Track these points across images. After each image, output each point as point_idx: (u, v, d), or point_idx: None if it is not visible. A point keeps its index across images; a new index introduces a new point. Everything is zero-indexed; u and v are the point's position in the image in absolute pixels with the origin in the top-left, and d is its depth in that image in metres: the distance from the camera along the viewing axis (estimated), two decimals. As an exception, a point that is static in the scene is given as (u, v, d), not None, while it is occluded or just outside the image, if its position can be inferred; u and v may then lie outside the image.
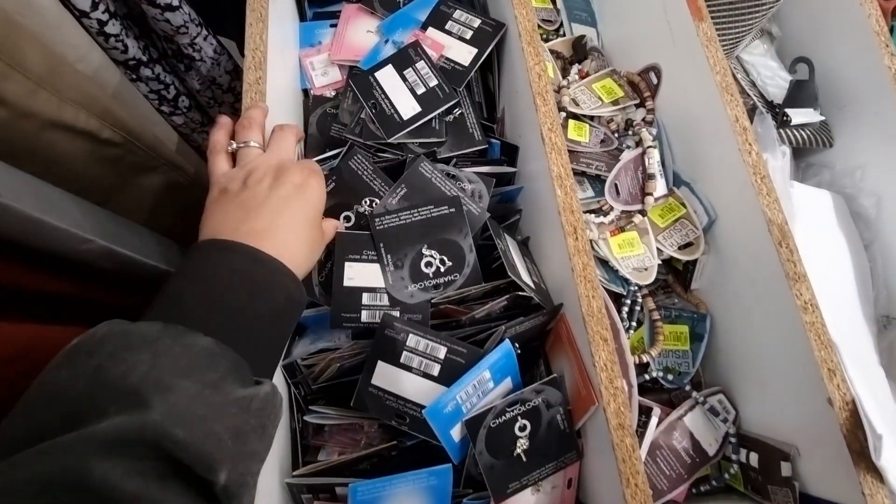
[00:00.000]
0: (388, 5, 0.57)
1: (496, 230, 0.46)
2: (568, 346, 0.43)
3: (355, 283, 0.43)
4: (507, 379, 0.42)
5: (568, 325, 0.43)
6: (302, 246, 0.35)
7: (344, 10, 0.58)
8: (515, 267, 0.44)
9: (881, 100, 0.51)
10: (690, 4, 0.51)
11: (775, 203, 0.45)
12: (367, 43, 0.56)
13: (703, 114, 0.51)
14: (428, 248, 0.44)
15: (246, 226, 0.32)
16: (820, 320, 0.42)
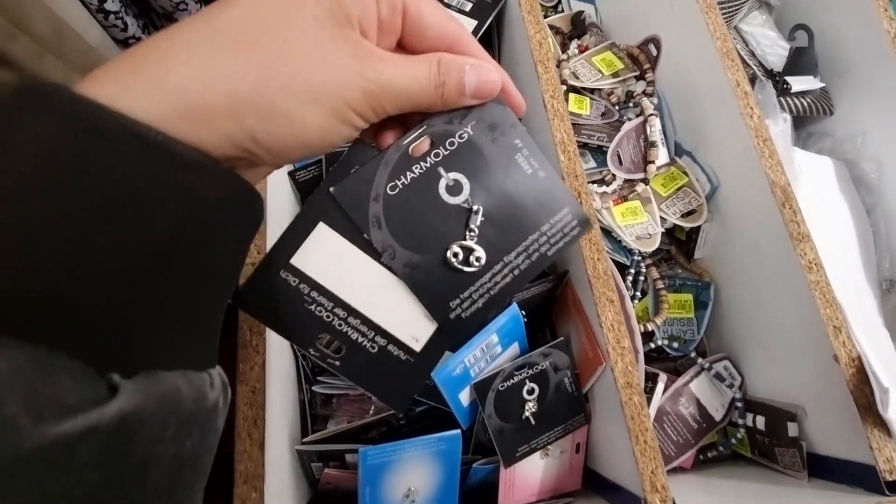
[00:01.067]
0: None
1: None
2: (574, 311, 0.43)
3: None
4: (514, 343, 0.42)
5: (574, 291, 0.43)
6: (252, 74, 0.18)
7: None
8: None
9: (881, 64, 0.51)
10: (689, -28, 0.51)
11: (778, 165, 0.45)
12: None
13: (704, 80, 0.51)
14: None
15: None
16: (825, 279, 0.42)
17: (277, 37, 0.17)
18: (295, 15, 0.18)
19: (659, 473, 0.36)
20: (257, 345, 0.36)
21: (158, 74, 0.16)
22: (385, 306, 0.25)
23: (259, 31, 0.17)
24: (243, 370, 0.35)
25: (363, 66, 0.19)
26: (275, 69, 0.17)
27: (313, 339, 0.24)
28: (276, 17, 0.18)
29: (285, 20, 0.18)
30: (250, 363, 0.35)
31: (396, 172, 0.25)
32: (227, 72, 0.17)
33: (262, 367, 0.35)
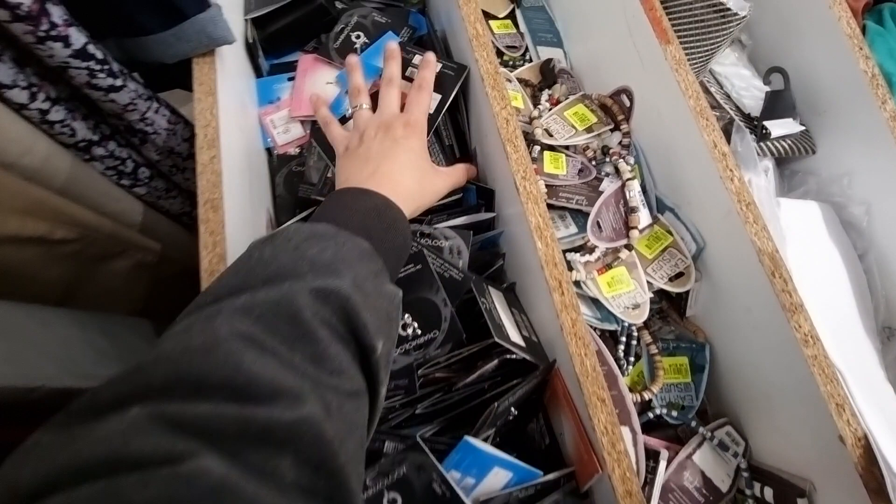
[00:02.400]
0: (345, 53, 0.55)
1: (479, 287, 0.44)
2: (565, 404, 0.41)
3: None
4: (493, 469, 0.39)
5: (564, 383, 0.41)
6: (412, 185, 0.42)
7: (300, 62, 0.56)
8: (502, 328, 0.42)
9: (861, 106, 0.50)
10: (655, 27, 0.49)
11: (763, 231, 0.43)
12: (328, 95, 0.54)
13: (680, 138, 0.49)
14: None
15: (366, 172, 0.41)
16: (822, 352, 0.40)
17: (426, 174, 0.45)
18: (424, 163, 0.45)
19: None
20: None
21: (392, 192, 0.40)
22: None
23: (421, 174, 0.44)
24: None
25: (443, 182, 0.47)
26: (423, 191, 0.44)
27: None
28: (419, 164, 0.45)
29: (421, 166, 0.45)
30: None
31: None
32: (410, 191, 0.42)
33: None
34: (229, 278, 0.29)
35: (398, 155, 0.43)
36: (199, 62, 0.45)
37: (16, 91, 0.41)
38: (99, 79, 0.43)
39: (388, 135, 0.44)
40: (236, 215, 0.43)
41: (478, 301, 0.43)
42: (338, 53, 0.55)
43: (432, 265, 0.43)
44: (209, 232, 0.40)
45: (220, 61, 0.46)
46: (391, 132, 0.44)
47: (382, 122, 0.45)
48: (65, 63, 0.41)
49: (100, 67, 0.42)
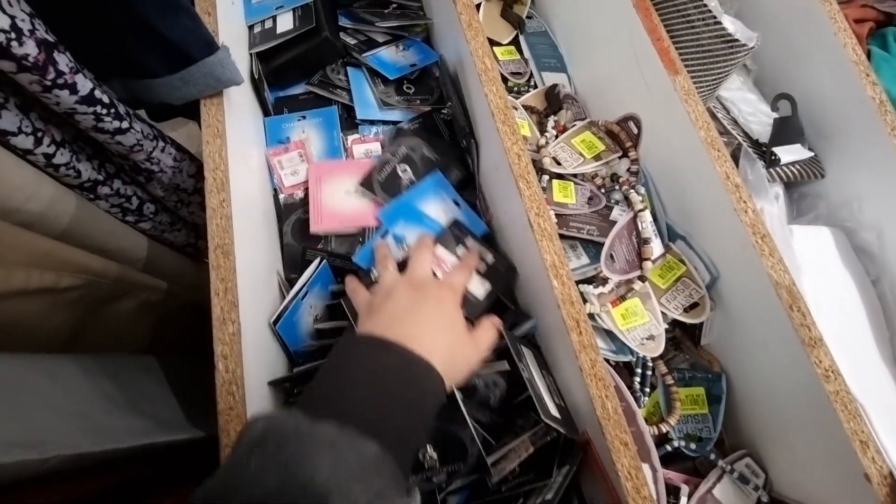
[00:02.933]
0: (390, 188, 0.52)
1: (517, 350, 0.42)
2: (598, 472, 0.40)
3: None
4: None
5: (597, 455, 0.40)
6: (445, 351, 0.36)
7: (312, 170, 0.52)
8: (543, 401, 0.40)
9: (869, 132, 0.50)
10: (663, 57, 0.49)
11: (779, 263, 0.43)
12: (349, 207, 0.50)
13: (691, 168, 0.49)
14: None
15: (392, 330, 0.34)
16: (844, 388, 0.39)
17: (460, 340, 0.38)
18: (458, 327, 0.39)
19: None
20: None
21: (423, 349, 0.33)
22: None
23: (454, 338, 0.38)
24: None
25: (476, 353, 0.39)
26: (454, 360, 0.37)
27: None
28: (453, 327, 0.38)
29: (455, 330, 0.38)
30: None
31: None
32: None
33: None
34: (215, 488, 0.26)
35: (430, 313, 0.37)
36: (207, 104, 0.44)
37: (21, 137, 0.41)
38: (105, 122, 0.43)
39: (418, 293, 0.38)
40: (247, 259, 0.42)
41: (518, 368, 0.41)
42: (382, 188, 0.52)
43: (463, 408, 0.40)
44: (220, 278, 0.39)
45: (228, 101, 0.46)
46: (423, 290, 0.38)
47: (413, 280, 0.40)
48: (72, 109, 0.40)
49: (106, 111, 0.42)
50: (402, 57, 0.61)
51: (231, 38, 0.53)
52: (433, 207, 0.51)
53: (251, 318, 0.40)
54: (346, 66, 0.60)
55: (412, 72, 0.60)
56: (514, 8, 0.70)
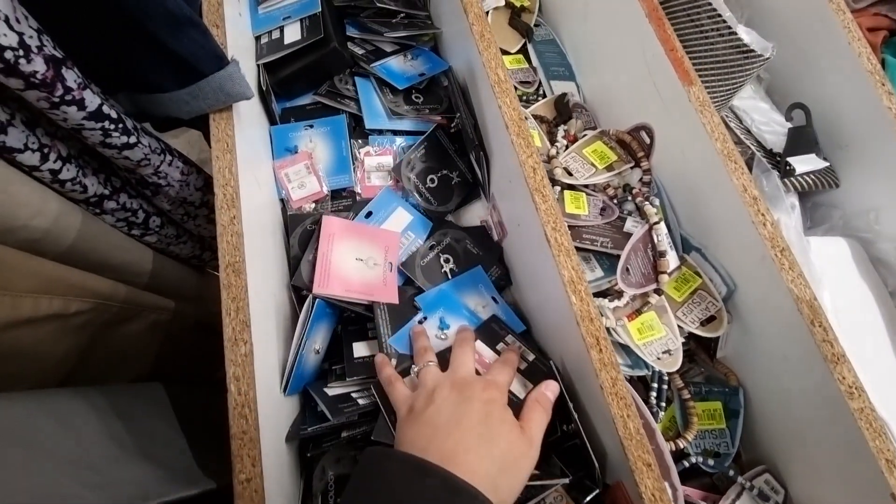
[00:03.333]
0: (431, 275, 0.50)
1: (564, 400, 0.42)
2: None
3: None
4: None
5: (626, 494, 0.39)
6: (496, 467, 0.32)
7: (325, 225, 0.48)
8: (587, 447, 0.40)
9: (885, 141, 0.49)
10: (677, 68, 0.49)
11: (800, 277, 0.42)
12: (358, 276, 0.48)
13: (706, 180, 0.48)
14: None
15: (434, 444, 0.32)
16: (869, 405, 0.39)
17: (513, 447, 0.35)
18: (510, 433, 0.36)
19: None
20: None
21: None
22: None
23: (507, 447, 0.35)
24: None
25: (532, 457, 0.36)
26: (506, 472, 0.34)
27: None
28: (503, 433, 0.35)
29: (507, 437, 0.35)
30: None
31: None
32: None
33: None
34: None
35: (477, 420, 0.34)
36: (217, 118, 0.43)
37: (27, 154, 0.40)
38: (113, 138, 0.42)
39: (462, 395, 0.36)
40: (258, 275, 0.41)
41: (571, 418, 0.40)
42: (423, 274, 0.50)
43: None
44: (231, 298, 0.38)
45: (237, 116, 0.45)
46: (468, 391, 0.36)
47: (457, 380, 0.37)
48: (79, 125, 0.39)
49: (114, 127, 0.41)
50: (410, 66, 0.60)
51: (238, 49, 0.53)
52: (473, 301, 0.50)
53: (264, 338, 0.40)
54: (353, 76, 0.59)
55: (421, 81, 0.59)
56: (522, 16, 0.69)
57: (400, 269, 0.50)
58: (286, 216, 0.51)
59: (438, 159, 0.56)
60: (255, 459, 0.34)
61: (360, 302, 0.46)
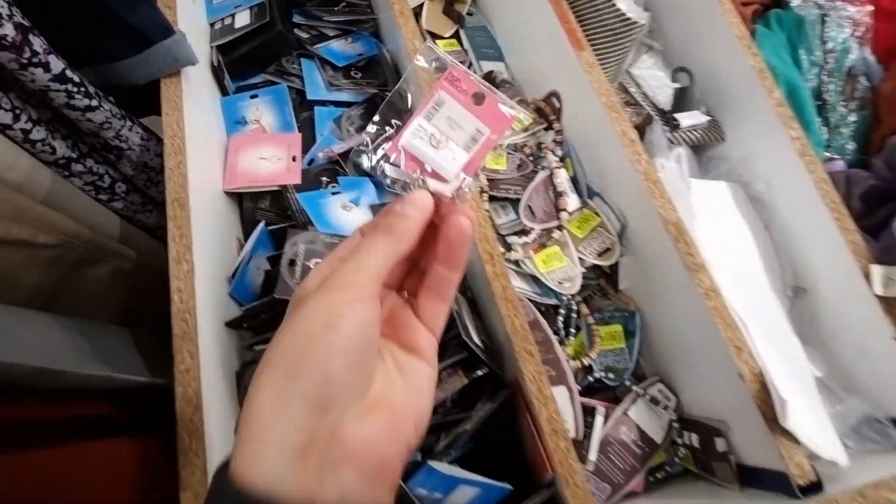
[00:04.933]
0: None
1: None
2: (523, 414, 0.44)
3: None
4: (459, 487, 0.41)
5: (525, 396, 0.44)
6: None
7: (231, 142, 0.58)
8: (468, 329, 0.46)
9: (753, 94, 0.57)
10: (570, 37, 0.57)
11: (668, 203, 0.49)
12: (262, 168, 0.56)
13: (598, 130, 0.56)
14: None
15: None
16: (722, 304, 0.46)
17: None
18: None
19: (591, 514, 0.38)
20: (197, 450, 0.38)
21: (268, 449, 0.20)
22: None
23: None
24: (185, 476, 0.37)
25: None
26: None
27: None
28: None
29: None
30: (191, 468, 0.37)
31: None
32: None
33: (203, 470, 0.37)
34: None
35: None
36: (167, 82, 0.50)
37: (0, 113, 0.46)
38: (77, 99, 0.49)
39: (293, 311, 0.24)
40: (202, 214, 0.48)
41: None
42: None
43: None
44: (176, 226, 0.45)
45: (186, 81, 0.52)
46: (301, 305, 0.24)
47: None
48: (45, 87, 0.46)
49: (77, 89, 0.48)
50: (350, 48, 0.68)
51: (193, 33, 0.60)
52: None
53: (205, 265, 0.46)
54: (300, 57, 0.67)
55: (358, 60, 0.66)
56: (455, 6, 0.77)
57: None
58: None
59: (374, 122, 0.63)
60: (193, 353, 0.40)
61: (270, 189, 0.55)
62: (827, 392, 0.50)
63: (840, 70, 0.58)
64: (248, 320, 0.47)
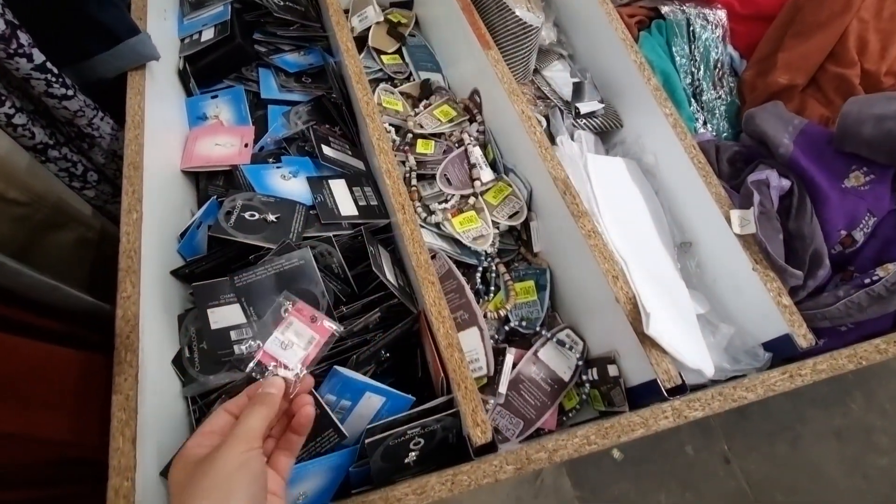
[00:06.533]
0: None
1: (370, 239, 0.56)
2: (426, 339, 0.51)
3: (221, 324, 0.49)
4: (366, 394, 0.47)
5: (426, 322, 0.51)
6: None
7: (190, 135, 0.67)
8: (382, 267, 0.53)
9: (637, 83, 0.67)
10: (480, 39, 0.68)
11: (558, 165, 0.58)
12: (216, 153, 0.64)
13: (504, 114, 0.65)
14: (285, 298, 0.46)
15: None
16: (602, 243, 0.53)
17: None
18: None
19: (479, 411, 0.44)
20: (131, 360, 0.43)
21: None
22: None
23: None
24: (118, 382, 0.42)
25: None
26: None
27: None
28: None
29: None
30: (124, 376, 0.42)
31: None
32: None
33: (134, 378, 0.42)
34: None
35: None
36: (133, 73, 0.60)
37: (-13, 97, 0.55)
38: (55, 88, 0.57)
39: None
40: (158, 182, 0.56)
41: (367, 249, 0.54)
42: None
43: (313, 261, 0.49)
44: (130, 183, 0.52)
45: (151, 76, 0.61)
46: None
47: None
48: (28, 75, 0.55)
49: (55, 79, 0.57)
50: (302, 59, 0.79)
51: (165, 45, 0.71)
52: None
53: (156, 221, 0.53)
54: (258, 66, 0.77)
55: (308, 68, 0.77)
56: (399, 28, 0.90)
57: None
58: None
59: (321, 115, 0.72)
60: (135, 283, 0.47)
61: (223, 169, 0.63)
62: (709, 325, 0.57)
63: (707, 62, 0.69)
64: (189, 268, 0.53)
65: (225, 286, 0.50)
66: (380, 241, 0.60)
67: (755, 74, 0.68)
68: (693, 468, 1.32)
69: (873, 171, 0.56)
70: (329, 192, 0.59)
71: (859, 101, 0.56)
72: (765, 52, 0.68)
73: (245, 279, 0.50)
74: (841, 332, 0.57)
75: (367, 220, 0.58)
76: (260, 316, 0.49)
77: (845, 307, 0.54)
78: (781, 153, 0.58)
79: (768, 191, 0.57)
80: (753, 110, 0.62)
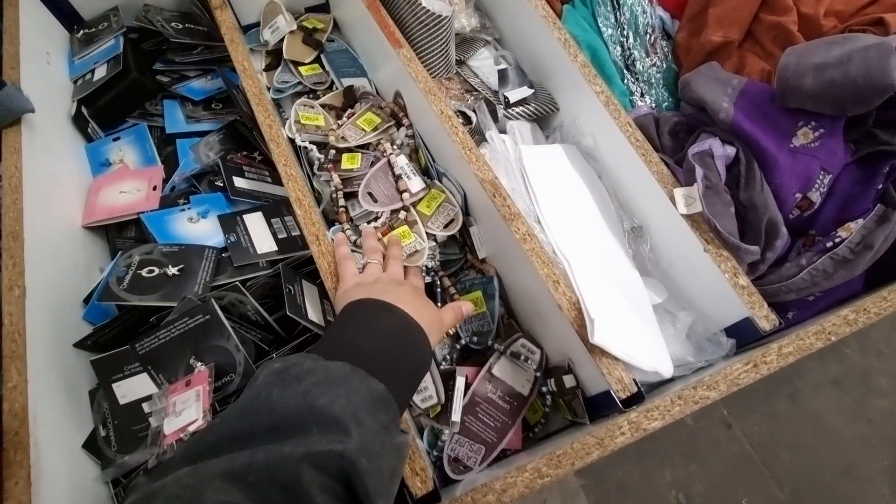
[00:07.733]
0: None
1: (288, 277, 0.51)
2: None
3: (130, 398, 0.45)
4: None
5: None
6: (428, 319, 0.42)
7: (94, 184, 0.62)
8: (302, 308, 0.49)
9: (563, 62, 0.62)
10: (389, 38, 0.62)
11: (484, 166, 0.53)
12: (121, 201, 0.59)
13: (426, 114, 0.60)
14: (196, 358, 0.45)
15: (386, 297, 0.41)
16: (538, 245, 0.49)
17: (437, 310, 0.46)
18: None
19: (417, 458, 0.39)
20: (21, 461, 0.38)
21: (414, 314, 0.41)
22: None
23: (432, 308, 0.46)
24: (8, 487, 0.37)
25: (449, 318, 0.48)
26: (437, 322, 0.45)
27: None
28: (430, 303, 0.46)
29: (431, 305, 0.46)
30: (14, 479, 0.38)
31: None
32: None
33: (26, 480, 0.38)
34: (235, 419, 0.30)
35: (412, 296, 0.43)
36: (7, 131, 0.54)
37: None
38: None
39: (399, 283, 0.47)
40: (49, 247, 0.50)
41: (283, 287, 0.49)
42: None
43: (221, 315, 0.46)
44: (10, 256, 0.47)
45: (31, 130, 0.56)
46: (402, 284, 0.47)
47: (393, 278, 0.48)
48: None
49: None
50: (210, 84, 0.73)
51: (53, 91, 0.65)
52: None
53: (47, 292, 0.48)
54: (163, 98, 0.71)
55: (217, 93, 0.71)
56: (315, 35, 0.84)
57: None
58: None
59: (236, 142, 0.67)
60: (21, 371, 0.42)
61: (131, 218, 0.58)
62: (668, 315, 0.53)
63: (636, 28, 0.64)
64: (93, 338, 0.48)
65: (128, 356, 0.45)
66: (309, 273, 0.55)
67: (688, 35, 0.64)
68: (695, 439, 1.29)
69: (822, 124, 0.52)
70: (244, 229, 0.54)
71: (796, 51, 0.51)
72: (695, 9, 0.63)
73: (148, 345, 0.45)
74: (809, 301, 0.53)
75: (287, 254, 0.53)
76: (171, 382, 0.45)
77: (810, 276, 0.50)
78: (722, 118, 0.54)
79: (713, 161, 0.52)
80: (688, 76, 0.57)
